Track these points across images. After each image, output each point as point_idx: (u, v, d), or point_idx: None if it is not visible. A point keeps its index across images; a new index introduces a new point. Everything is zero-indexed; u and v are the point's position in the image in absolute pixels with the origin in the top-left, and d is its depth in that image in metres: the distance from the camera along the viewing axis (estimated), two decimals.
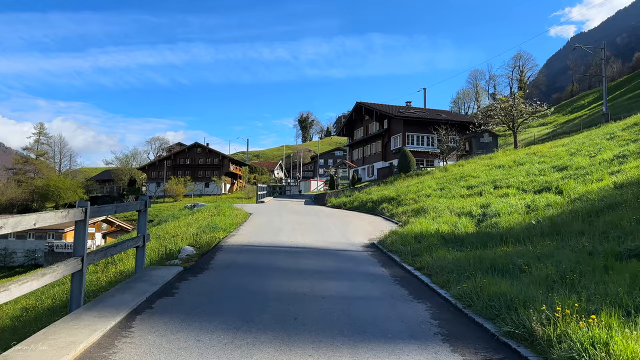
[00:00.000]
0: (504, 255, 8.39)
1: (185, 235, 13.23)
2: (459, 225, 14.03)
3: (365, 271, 8.92)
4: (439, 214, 17.06)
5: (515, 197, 17.18)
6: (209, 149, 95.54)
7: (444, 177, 27.23)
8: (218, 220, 15.73)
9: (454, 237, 11.78)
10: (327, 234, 14.77)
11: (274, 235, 13.84)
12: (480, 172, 25.03)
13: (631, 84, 77.41)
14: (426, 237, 11.74)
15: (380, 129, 49.72)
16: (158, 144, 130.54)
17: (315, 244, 12.39)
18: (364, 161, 54.42)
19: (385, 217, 22.17)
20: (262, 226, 16.19)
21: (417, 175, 31.34)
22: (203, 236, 12.50)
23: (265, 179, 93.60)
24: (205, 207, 22.28)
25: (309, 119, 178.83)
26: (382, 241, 12.57)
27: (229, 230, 14.03)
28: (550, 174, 19.81)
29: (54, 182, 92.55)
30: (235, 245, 11.50)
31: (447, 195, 21.34)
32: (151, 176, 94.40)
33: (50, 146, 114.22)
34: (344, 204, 29.08)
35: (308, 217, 21.45)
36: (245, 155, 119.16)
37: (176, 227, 15.98)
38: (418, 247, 10.63)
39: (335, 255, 10.88)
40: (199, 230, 13.95)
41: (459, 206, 17.73)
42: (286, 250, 11.10)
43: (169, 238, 13.76)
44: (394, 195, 25.46)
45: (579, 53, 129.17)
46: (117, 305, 5.70)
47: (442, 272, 7.95)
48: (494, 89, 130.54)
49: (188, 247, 11.06)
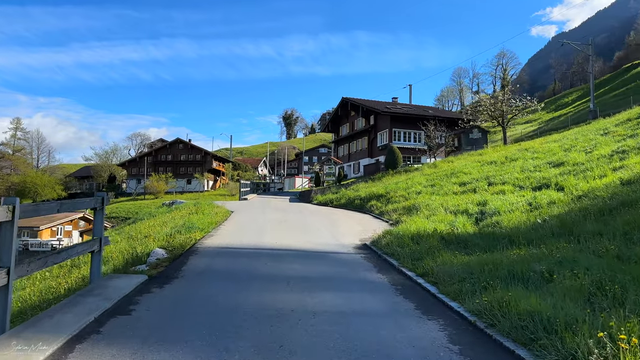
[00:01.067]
0: (519, 260, 7.33)
1: (159, 235, 11.97)
2: (457, 224, 13.00)
3: (361, 278, 7.79)
4: (433, 212, 16.03)
5: (512, 194, 16.24)
6: (191, 145, 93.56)
7: (433, 173, 26.29)
8: (196, 218, 14.46)
9: (455, 237, 10.72)
10: (315, 234, 13.62)
11: (256, 235, 12.63)
12: (472, 169, 24.13)
13: (615, 82, 77.71)
14: (424, 238, 10.66)
15: (367, 125, 48.69)
16: (139, 140, 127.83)
17: (302, 245, 11.23)
18: (349, 158, 53.37)
19: (375, 215, 21.10)
20: (244, 225, 14.95)
21: (405, 172, 30.37)
22: (177, 237, 11.25)
23: (249, 176, 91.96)
24: (184, 205, 20.96)
25: (293, 115, 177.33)
26: (376, 242, 11.46)
27: (207, 230, 12.76)
28: (546, 169, 18.95)
29: (31, 178, 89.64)
30: (212, 248, 10.27)
31: (438, 192, 20.34)
32: (131, 173, 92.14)
33: (28, 142, 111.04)
34: (331, 201, 27.96)
35: (293, 215, 20.27)
36: (228, 152, 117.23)
37: (150, 227, 14.70)
38: (417, 249, 9.54)
39: (325, 258, 9.73)
40: (174, 229, 12.68)
41: (454, 204, 16.72)
42: (269, 253, 9.91)
43: (141, 239, 12.50)
44: (382, 193, 24.40)
45: (561, 52, 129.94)
46: (53, 331, 4.46)
47: (450, 280, 6.85)
48: (477, 87, 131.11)
49: (159, 249, 9.82)
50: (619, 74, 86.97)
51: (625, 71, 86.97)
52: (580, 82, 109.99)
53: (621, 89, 66.81)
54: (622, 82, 74.37)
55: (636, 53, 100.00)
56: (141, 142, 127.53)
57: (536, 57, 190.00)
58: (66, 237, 55.61)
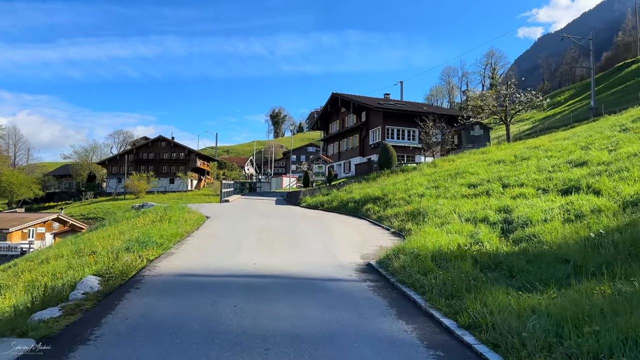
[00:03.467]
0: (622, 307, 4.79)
1: (104, 252, 9.25)
2: (481, 237, 10.49)
3: (377, 333, 5.19)
4: (445, 220, 13.51)
5: (537, 198, 13.79)
6: (175, 142, 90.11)
7: (435, 173, 23.81)
8: (158, 228, 11.74)
9: (490, 258, 8.17)
10: (305, 248, 11.00)
11: (230, 252, 9.95)
12: (478, 168, 21.69)
13: (609, 80, 76.26)
14: (450, 259, 8.10)
15: (358, 122, 46.14)
16: (122, 138, 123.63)
17: (290, 267, 8.60)
18: (339, 156, 50.77)
19: (372, 220, 18.55)
20: (217, 237, 12.25)
21: (402, 172, 27.87)
22: (124, 256, 8.54)
23: (235, 175, 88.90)
24: (153, 208, 18.18)
25: (281, 114, 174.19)
26: (384, 262, 8.88)
27: (166, 245, 10.04)
28: (568, 169, 16.58)
29: (6, 177, 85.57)
30: (165, 276, 7.58)
31: (445, 195, 17.86)
32: (112, 171, 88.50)
33: (4, 139, 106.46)
34: (321, 204, 25.35)
35: (279, 221, 17.63)
36: (214, 151, 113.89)
37: (102, 238, 11.95)
38: (446, 277, 6.98)
39: (321, 290, 7.11)
40: (127, 243, 9.96)
41: (467, 209, 14.22)
42: (244, 283, 7.26)
43: (85, 255, 9.82)
44: (379, 195, 21.87)
45: (549, 52, 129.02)
46: None
47: (525, 348, 4.27)
48: (466, 86, 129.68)
49: (92, 278, 7.15)
50: (612, 72, 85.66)
51: (617, 70, 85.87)
52: (568, 82, 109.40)
53: (619, 86, 65.27)
54: (618, 80, 72.94)
55: (624, 53, 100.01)
56: (124, 140, 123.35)
57: (523, 57, 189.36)
58: (38, 240, 52.24)
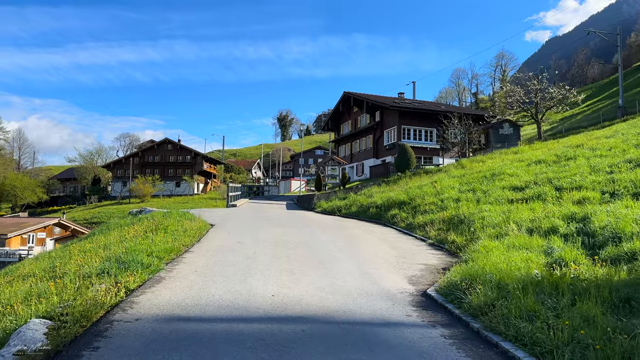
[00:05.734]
0: None
1: (75, 276, 6.96)
2: (561, 255, 8.09)
3: None
4: (501, 231, 11.10)
5: (607, 204, 11.33)
6: (181, 145, 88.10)
7: (464, 175, 21.38)
8: (149, 241, 9.42)
9: (608, 290, 5.76)
10: (335, 268, 8.64)
11: (239, 276, 7.61)
12: (516, 169, 19.24)
13: (628, 80, 73.37)
14: (545, 290, 5.71)
15: (372, 122, 43.75)
16: (128, 141, 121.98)
17: (321, 300, 6.26)
18: (351, 158, 48.36)
19: (400, 229, 16.16)
20: (222, 253, 9.89)
21: (425, 174, 25.44)
22: (96, 284, 6.22)
23: (242, 179, 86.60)
24: (150, 215, 15.90)
25: (288, 117, 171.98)
26: (449, 293, 6.50)
27: (156, 265, 7.69)
28: (629, 170, 14.12)
29: (10, 180, 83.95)
30: (146, 320, 5.18)
31: (487, 199, 15.44)
32: (117, 175, 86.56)
33: (8, 142, 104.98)
34: (338, 209, 22.97)
35: (295, 230, 15.26)
36: (221, 154, 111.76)
37: (82, 253, 9.65)
38: (571, 328, 4.58)
39: (379, 348, 4.72)
40: (105, 263, 7.65)
41: (525, 218, 11.79)
42: (261, 333, 4.88)
43: (51, 280, 7.58)
44: (404, 199, 19.48)
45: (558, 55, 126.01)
46: None
47: None
48: (476, 88, 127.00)
49: (37, 323, 4.88)
50: (630, 73, 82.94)
51: (636, 70, 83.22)
52: (579, 84, 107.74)
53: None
54: (637, 80, 70.24)
55: (638, 54, 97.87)
56: (130, 143, 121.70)
57: (530, 61, 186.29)
58: (39, 246, 50.15)
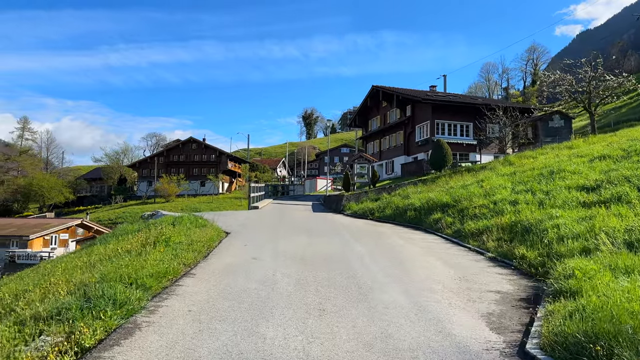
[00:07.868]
0: None
1: (19, 319, 4.92)
2: None
3: None
4: (587, 245, 8.71)
5: None
6: (205, 144, 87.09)
7: (515, 173, 18.83)
8: (141, 260, 7.39)
9: None
10: (380, 302, 6.46)
11: (248, 323, 5.44)
12: (577, 166, 16.56)
13: None
14: None
15: (402, 117, 41.27)
16: (155, 141, 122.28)
17: None
18: (380, 156, 45.95)
19: (447, 237, 13.82)
20: (231, 276, 7.75)
21: (467, 172, 22.92)
22: (35, 339, 4.14)
23: (267, 177, 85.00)
24: (159, 221, 14.00)
25: (313, 115, 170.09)
26: (568, 356, 4.19)
27: (137, 302, 5.61)
28: None
29: (38, 181, 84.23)
30: None
31: (553, 202, 12.93)
32: (142, 174, 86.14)
33: (37, 142, 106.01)
34: (370, 212, 20.71)
35: (324, 239, 13.09)
36: (246, 153, 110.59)
37: (64, 272, 7.71)
38: None
39: None
40: (68, 297, 5.62)
41: (616, 226, 9.33)
42: None
43: None
44: (448, 201, 17.11)
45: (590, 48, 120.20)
46: None
47: None
48: (507, 82, 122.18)
49: None
50: None
51: None
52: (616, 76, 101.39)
53: None
54: None
55: None
56: (157, 142, 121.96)
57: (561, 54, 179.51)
58: (61, 247, 49.31)
